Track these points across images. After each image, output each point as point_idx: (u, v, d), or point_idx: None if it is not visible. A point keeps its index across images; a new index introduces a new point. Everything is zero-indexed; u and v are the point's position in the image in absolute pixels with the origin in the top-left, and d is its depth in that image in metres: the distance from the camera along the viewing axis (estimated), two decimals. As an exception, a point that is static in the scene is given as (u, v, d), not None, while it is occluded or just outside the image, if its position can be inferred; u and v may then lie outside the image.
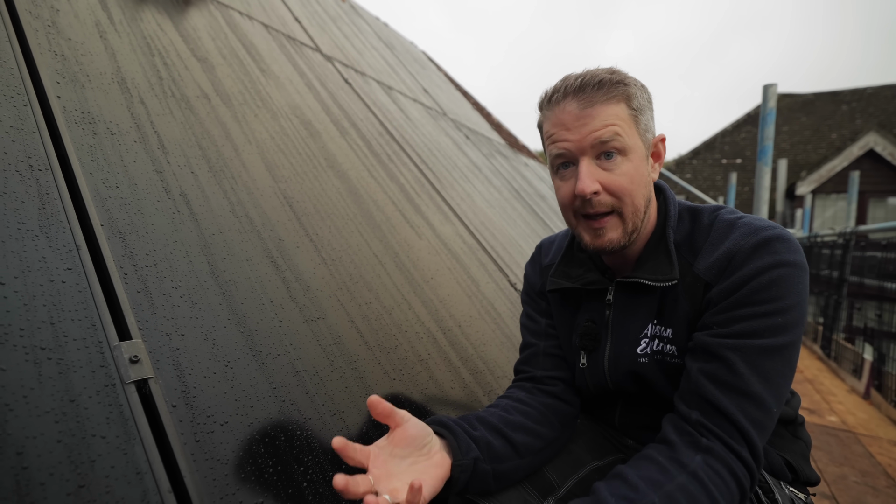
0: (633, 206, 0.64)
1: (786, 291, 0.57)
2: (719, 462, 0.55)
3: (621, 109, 0.62)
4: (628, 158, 0.63)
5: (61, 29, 0.92)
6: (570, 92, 0.63)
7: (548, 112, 0.67)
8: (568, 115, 0.63)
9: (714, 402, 0.57)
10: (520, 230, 2.32)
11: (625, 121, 0.63)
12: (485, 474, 0.61)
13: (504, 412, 0.71)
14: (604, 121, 0.61)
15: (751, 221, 0.63)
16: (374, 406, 0.52)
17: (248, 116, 1.20)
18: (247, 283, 0.79)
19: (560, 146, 0.64)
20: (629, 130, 0.63)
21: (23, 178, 0.63)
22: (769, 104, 3.27)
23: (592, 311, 0.75)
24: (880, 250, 3.41)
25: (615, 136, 0.61)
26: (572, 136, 0.63)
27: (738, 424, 0.55)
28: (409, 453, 0.54)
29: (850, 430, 2.48)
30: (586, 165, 0.63)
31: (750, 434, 0.55)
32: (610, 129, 0.61)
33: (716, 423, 0.56)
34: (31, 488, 0.42)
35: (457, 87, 5.11)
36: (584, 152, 0.63)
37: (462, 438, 0.60)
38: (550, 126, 0.66)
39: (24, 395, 0.47)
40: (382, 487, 0.50)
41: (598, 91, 0.62)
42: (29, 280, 0.55)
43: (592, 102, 0.62)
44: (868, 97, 12.46)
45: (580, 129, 0.62)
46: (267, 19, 1.84)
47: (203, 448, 0.55)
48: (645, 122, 0.66)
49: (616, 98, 0.62)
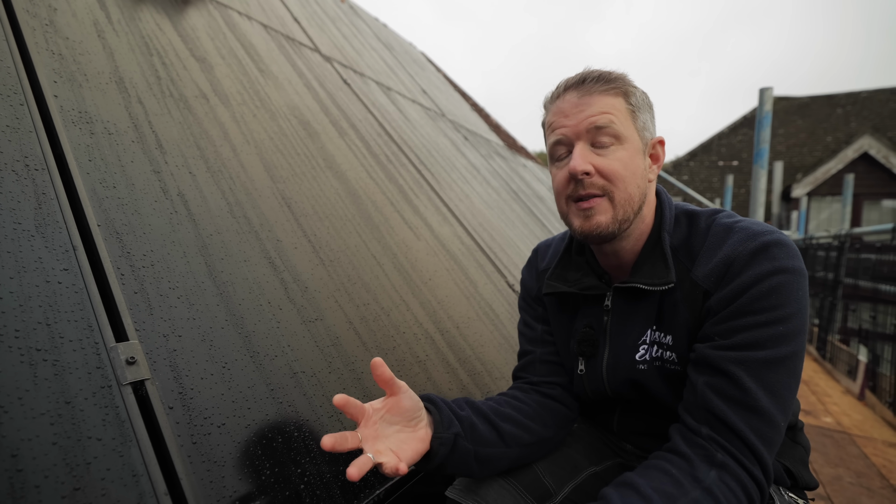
0: (625, 193, 0.64)
1: (786, 299, 0.57)
2: (733, 479, 0.54)
3: (619, 102, 0.64)
4: (623, 147, 0.64)
5: (59, 28, 0.91)
6: (571, 85, 0.66)
7: (550, 106, 0.69)
8: (567, 104, 0.65)
9: (723, 419, 0.56)
10: (518, 231, 2.32)
11: (621, 112, 0.64)
12: (465, 453, 0.62)
13: (496, 404, 0.71)
14: (600, 108, 0.63)
15: (748, 226, 0.62)
16: (376, 368, 0.55)
17: (246, 117, 1.19)
18: (244, 284, 0.79)
19: (558, 132, 0.66)
20: (625, 121, 0.64)
21: (19, 178, 0.63)
22: (765, 107, 3.29)
23: (590, 317, 0.75)
24: (874, 252, 3.44)
25: (610, 122, 0.63)
26: (569, 122, 0.65)
27: (749, 442, 0.55)
28: (397, 422, 0.58)
29: (845, 432, 2.49)
30: (580, 148, 0.64)
31: (761, 452, 0.55)
32: (605, 115, 0.63)
33: (727, 439, 0.56)
34: (26, 491, 0.42)
35: (455, 88, 5.12)
36: (580, 136, 0.64)
37: (445, 414, 0.62)
38: (551, 116, 0.68)
39: (20, 397, 0.46)
40: (369, 447, 0.54)
41: (596, 83, 0.64)
42: (25, 281, 0.54)
43: (591, 92, 0.64)
44: (863, 101, 12.55)
45: (577, 115, 0.64)
46: (266, 19, 1.84)
47: (200, 450, 0.55)
48: (643, 121, 0.66)
49: (614, 91, 0.64)
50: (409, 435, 0.58)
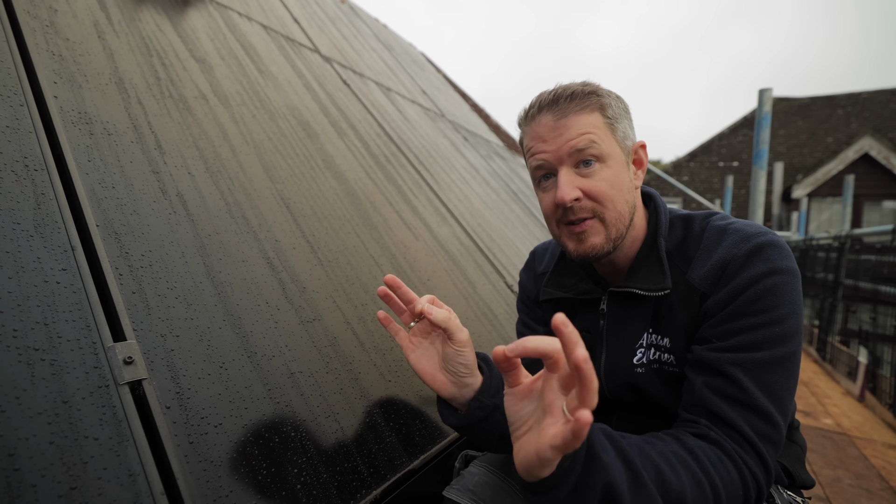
0: (615, 212, 0.64)
1: (780, 300, 0.57)
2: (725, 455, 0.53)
3: (595, 118, 0.63)
4: (607, 165, 0.64)
5: (59, 29, 0.92)
6: (545, 105, 0.65)
7: (526, 128, 0.68)
8: (543, 128, 0.64)
9: (721, 415, 0.56)
10: (517, 232, 2.33)
11: (600, 128, 0.63)
12: (495, 426, 0.61)
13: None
14: (579, 129, 0.62)
15: (742, 228, 0.63)
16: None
17: (245, 117, 1.20)
18: (242, 285, 0.79)
19: (538, 157, 0.65)
20: (605, 138, 0.63)
21: (18, 178, 0.63)
22: (765, 108, 3.29)
23: (587, 321, 0.75)
24: (875, 254, 3.43)
25: (591, 143, 0.62)
26: (549, 147, 0.64)
27: (748, 438, 0.54)
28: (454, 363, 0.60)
29: (844, 433, 2.49)
30: (565, 174, 0.63)
31: (760, 449, 0.54)
32: (585, 137, 0.62)
33: (725, 432, 0.55)
34: (22, 490, 0.42)
35: (455, 88, 5.12)
36: (562, 161, 0.64)
37: (497, 380, 0.62)
38: (529, 140, 0.67)
39: (17, 397, 0.46)
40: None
41: (570, 102, 0.63)
42: (23, 280, 0.54)
43: (566, 113, 0.63)
44: (863, 101, 12.54)
45: (556, 140, 0.63)
46: (266, 20, 1.84)
47: (196, 450, 0.55)
48: (622, 130, 0.66)
49: (589, 108, 0.63)
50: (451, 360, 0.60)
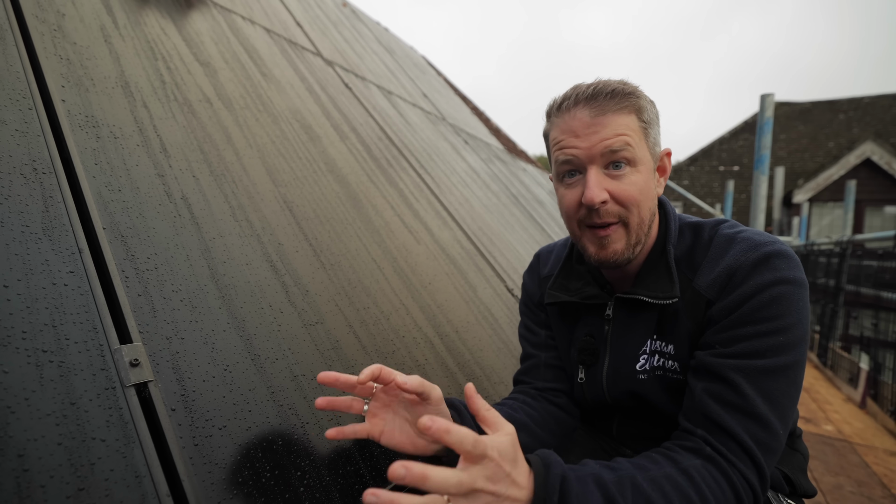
0: (639, 218, 0.63)
1: (786, 310, 0.57)
2: (719, 472, 0.54)
3: (632, 121, 0.61)
4: (637, 170, 0.62)
5: (67, 33, 0.93)
6: (582, 100, 0.62)
7: (556, 119, 0.65)
8: (578, 122, 0.61)
9: (719, 423, 0.56)
10: (518, 236, 2.33)
11: (635, 132, 0.61)
12: None
13: (511, 410, 0.71)
14: (615, 130, 0.60)
15: (750, 236, 0.62)
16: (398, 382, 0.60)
17: (249, 121, 1.21)
18: (246, 288, 0.80)
19: (568, 152, 0.63)
20: (639, 142, 0.62)
21: (27, 182, 0.64)
22: (766, 113, 3.29)
23: (591, 326, 0.75)
24: (876, 259, 3.43)
25: (626, 145, 0.60)
26: (582, 144, 0.61)
27: (745, 446, 0.54)
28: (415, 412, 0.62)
29: (846, 440, 2.48)
30: (594, 174, 0.61)
31: (756, 456, 0.54)
32: (621, 138, 0.60)
33: (722, 441, 0.55)
34: (31, 490, 0.42)
35: (456, 91, 5.14)
36: (594, 160, 0.61)
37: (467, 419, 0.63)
38: (559, 133, 0.64)
39: (26, 398, 0.47)
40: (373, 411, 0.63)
41: (610, 100, 0.61)
42: (32, 283, 0.55)
43: (604, 111, 0.60)
44: (865, 106, 12.55)
45: (590, 137, 0.61)
46: (269, 24, 1.86)
47: (201, 452, 0.56)
48: (654, 136, 0.65)
49: (628, 109, 0.61)
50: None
